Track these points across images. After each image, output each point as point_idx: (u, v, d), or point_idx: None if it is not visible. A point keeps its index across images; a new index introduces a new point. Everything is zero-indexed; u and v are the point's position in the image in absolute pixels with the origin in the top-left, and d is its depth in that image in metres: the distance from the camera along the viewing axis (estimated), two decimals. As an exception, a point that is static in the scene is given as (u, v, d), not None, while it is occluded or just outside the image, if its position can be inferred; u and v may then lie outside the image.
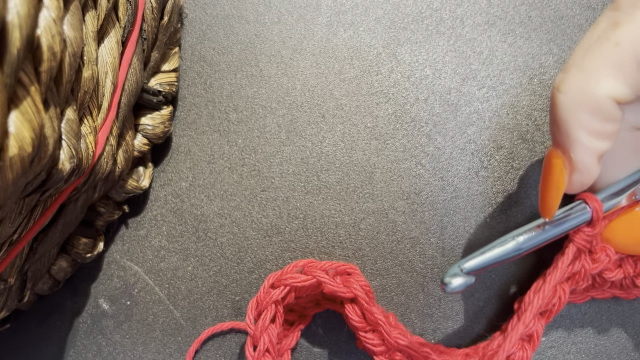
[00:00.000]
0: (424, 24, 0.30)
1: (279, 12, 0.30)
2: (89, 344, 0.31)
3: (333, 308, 0.29)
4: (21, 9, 0.15)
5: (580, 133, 0.21)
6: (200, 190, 0.31)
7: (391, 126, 0.30)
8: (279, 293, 0.26)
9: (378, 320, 0.26)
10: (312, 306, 0.29)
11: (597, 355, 0.30)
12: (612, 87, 0.20)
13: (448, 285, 0.24)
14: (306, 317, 0.29)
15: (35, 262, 0.26)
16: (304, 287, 0.26)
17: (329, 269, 0.27)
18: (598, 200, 0.24)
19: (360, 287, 0.26)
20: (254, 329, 0.26)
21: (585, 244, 0.25)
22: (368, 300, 0.26)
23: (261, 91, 0.30)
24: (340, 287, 0.26)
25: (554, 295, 0.26)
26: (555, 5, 0.30)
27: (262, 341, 0.26)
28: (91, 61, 0.22)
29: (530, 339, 0.26)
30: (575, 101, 0.21)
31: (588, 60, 0.21)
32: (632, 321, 0.30)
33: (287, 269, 0.27)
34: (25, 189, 0.19)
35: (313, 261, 0.27)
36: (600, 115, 0.21)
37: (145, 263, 0.31)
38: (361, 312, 0.27)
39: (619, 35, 0.20)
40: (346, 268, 0.27)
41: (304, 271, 0.27)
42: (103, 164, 0.24)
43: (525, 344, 0.26)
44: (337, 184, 0.30)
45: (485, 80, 0.30)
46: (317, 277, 0.26)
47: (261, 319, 0.26)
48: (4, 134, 0.15)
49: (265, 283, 0.27)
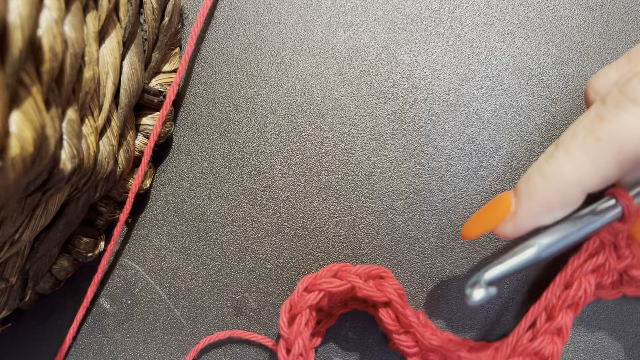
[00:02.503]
0: (423, 25, 0.30)
1: (279, 13, 0.31)
2: (90, 343, 0.31)
3: (360, 308, 0.29)
4: (23, 10, 0.15)
5: (537, 198, 0.22)
6: (201, 190, 0.31)
7: (391, 126, 0.30)
8: (314, 298, 0.26)
9: (412, 323, 0.26)
10: (339, 307, 0.29)
11: (596, 355, 0.30)
12: (585, 178, 0.22)
13: (470, 298, 0.23)
14: (333, 316, 0.29)
15: (37, 262, 0.26)
16: (339, 292, 0.26)
17: (363, 273, 0.27)
18: (629, 196, 0.24)
19: (394, 292, 0.26)
20: (289, 333, 0.26)
21: (611, 237, 0.25)
22: (403, 304, 0.26)
23: (261, 92, 0.30)
24: (375, 292, 0.26)
25: (579, 288, 0.26)
26: (554, 6, 0.30)
27: (296, 346, 0.26)
28: (92, 62, 0.23)
29: (559, 332, 0.26)
30: (551, 174, 0.22)
31: (573, 146, 0.22)
32: (631, 321, 0.30)
33: (322, 274, 0.27)
34: (27, 189, 0.19)
35: (347, 265, 0.27)
36: (563, 197, 0.22)
37: (146, 262, 0.31)
38: (395, 316, 0.27)
39: (601, 131, 0.21)
40: (379, 272, 0.27)
41: (338, 276, 0.27)
42: (104, 164, 0.24)
43: (555, 338, 0.26)
44: (337, 184, 0.30)
45: (484, 81, 0.30)
46: (352, 282, 0.26)
47: (296, 323, 0.26)
48: (6, 134, 0.15)
49: (299, 286, 0.26)
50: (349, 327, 0.30)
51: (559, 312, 0.26)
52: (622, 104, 0.21)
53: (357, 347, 0.30)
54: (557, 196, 0.22)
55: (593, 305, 0.30)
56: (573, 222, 0.24)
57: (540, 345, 0.26)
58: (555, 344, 0.26)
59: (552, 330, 0.26)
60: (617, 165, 0.21)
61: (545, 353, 0.26)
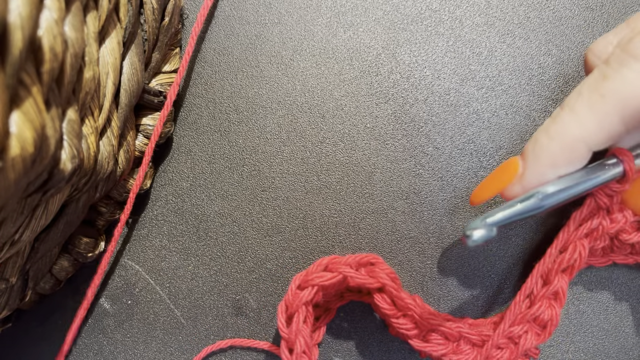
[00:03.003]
0: (423, 25, 0.30)
1: (279, 13, 0.31)
2: (90, 343, 0.31)
3: (357, 299, 0.29)
4: (23, 10, 0.15)
5: (544, 157, 0.23)
6: (201, 190, 0.31)
7: (390, 126, 0.30)
8: (307, 294, 0.26)
9: (408, 305, 0.26)
10: (336, 300, 0.29)
11: (596, 355, 0.30)
12: (590, 135, 0.22)
13: (470, 238, 0.23)
14: (331, 310, 0.29)
15: (37, 262, 0.26)
16: (332, 284, 0.26)
17: (352, 262, 0.27)
18: (631, 156, 0.24)
19: (386, 276, 0.26)
20: (288, 332, 0.26)
21: (606, 200, 0.25)
22: (396, 287, 0.26)
23: (261, 92, 0.30)
24: (367, 279, 0.26)
25: (574, 251, 0.26)
26: (554, 6, 0.30)
27: (297, 343, 0.26)
28: (92, 62, 0.23)
29: (556, 296, 0.26)
30: (557, 133, 0.23)
31: (578, 104, 0.22)
32: (631, 320, 0.30)
33: (312, 269, 0.27)
34: (27, 189, 0.19)
35: (336, 257, 0.27)
36: (569, 154, 0.23)
37: (146, 262, 0.31)
38: (390, 300, 0.27)
39: (605, 89, 0.22)
40: (369, 259, 0.27)
41: (329, 268, 0.27)
42: (104, 164, 0.24)
43: (552, 302, 0.26)
44: (337, 184, 0.30)
45: (484, 81, 0.30)
46: (343, 273, 0.26)
47: (294, 322, 0.26)
48: (6, 134, 0.15)
49: (292, 285, 0.27)
50: (342, 317, 0.30)
51: (554, 276, 0.26)
52: (625, 61, 0.21)
53: (355, 342, 0.30)
54: (563, 154, 0.23)
55: (593, 305, 0.30)
56: (576, 175, 0.24)
57: (538, 311, 0.26)
58: (553, 307, 0.26)
59: (549, 295, 0.26)
60: (621, 121, 0.22)
61: (544, 317, 0.26)
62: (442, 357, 0.27)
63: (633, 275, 0.30)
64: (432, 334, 0.27)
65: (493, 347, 0.26)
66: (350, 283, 0.26)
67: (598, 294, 0.30)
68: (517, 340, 0.27)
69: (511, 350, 0.26)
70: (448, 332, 0.27)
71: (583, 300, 0.30)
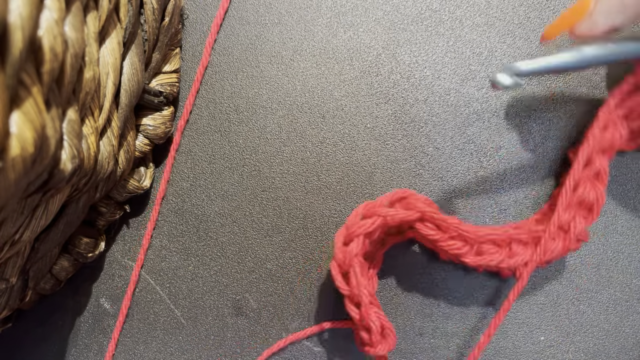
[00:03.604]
0: (423, 25, 0.30)
1: (279, 14, 0.31)
2: (90, 343, 0.31)
3: (398, 240, 0.29)
4: (23, 10, 0.15)
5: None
6: (201, 190, 0.31)
7: (391, 127, 0.30)
8: (356, 247, 0.26)
9: (452, 224, 0.26)
10: (379, 247, 0.29)
11: (596, 355, 0.30)
12: None
13: (495, 80, 0.23)
14: (377, 259, 0.29)
15: (37, 262, 0.26)
16: (374, 230, 0.26)
17: (386, 202, 0.27)
18: None
19: (422, 203, 0.26)
20: (350, 289, 0.26)
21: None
22: (435, 211, 0.26)
23: (262, 92, 0.30)
24: (406, 213, 0.26)
25: (614, 130, 0.26)
26: (554, 6, 0.30)
27: (363, 297, 0.25)
28: (92, 62, 0.23)
29: (598, 176, 0.26)
30: None
31: None
32: (631, 321, 0.30)
33: (351, 220, 0.26)
34: (27, 189, 0.19)
35: (368, 202, 0.27)
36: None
37: (147, 262, 0.31)
38: (434, 225, 0.26)
39: None
40: (400, 194, 0.27)
41: (366, 215, 0.26)
42: (104, 164, 0.24)
43: (595, 182, 0.26)
44: (337, 184, 0.30)
45: (484, 81, 0.30)
46: (381, 215, 0.26)
47: (352, 277, 0.26)
48: (6, 135, 0.15)
49: (337, 243, 0.26)
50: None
51: (595, 157, 0.26)
52: None
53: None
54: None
55: (593, 305, 0.30)
56: (617, 41, 0.24)
57: (584, 193, 0.26)
58: (597, 187, 0.26)
59: (591, 176, 0.26)
60: None
61: (590, 199, 0.26)
62: (500, 264, 0.26)
63: (633, 275, 0.30)
64: (482, 246, 0.27)
65: (550, 239, 0.26)
66: (390, 223, 0.26)
67: (598, 294, 0.30)
68: (567, 227, 0.26)
69: (563, 239, 0.26)
70: (497, 239, 0.27)
71: (583, 300, 0.30)
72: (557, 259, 0.26)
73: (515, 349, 0.30)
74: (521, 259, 0.26)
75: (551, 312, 0.30)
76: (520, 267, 0.26)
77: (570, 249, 0.26)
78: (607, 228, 0.30)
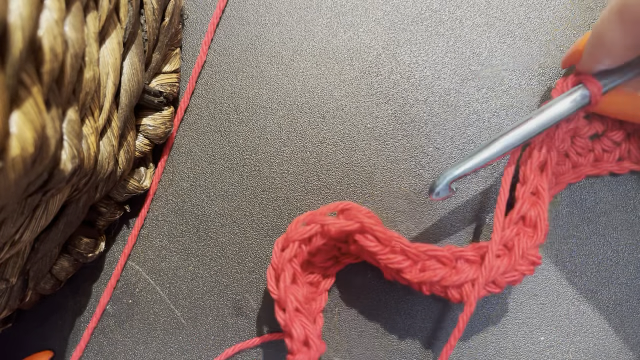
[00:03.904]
0: (423, 25, 0.30)
1: (279, 14, 0.31)
2: (90, 343, 0.31)
3: (352, 261, 0.29)
4: (23, 11, 0.15)
5: None
6: (201, 191, 0.31)
7: (391, 127, 0.30)
8: (290, 251, 0.26)
9: (392, 236, 0.26)
10: (331, 264, 0.29)
11: (596, 355, 0.30)
12: None
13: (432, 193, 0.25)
14: (329, 276, 0.29)
15: (37, 262, 0.26)
16: (312, 236, 0.26)
17: (327, 212, 0.27)
18: (597, 83, 0.25)
19: (363, 215, 0.26)
20: (278, 292, 0.26)
21: None
22: (375, 223, 0.26)
23: (262, 92, 0.30)
24: (345, 222, 0.26)
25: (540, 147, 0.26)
26: (554, 6, 0.30)
27: (289, 302, 0.25)
28: (93, 62, 0.23)
29: (537, 193, 0.27)
30: None
31: None
32: (631, 321, 0.30)
33: (290, 228, 0.27)
34: (27, 189, 0.19)
35: (311, 212, 0.27)
36: None
37: (147, 262, 0.31)
38: (373, 237, 0.26)
39: None
40: (343, 206, 0.27)
41: (307, 223, 0.27)
42: (104, 165, 0.24)
43: (535, 200, 0.27)
44: (337, 184, 0.30)
45: (484, 81, 0.30)
46: (319, 222, 0.26)
47: (281, 280, 0.26)
48: (6, 135, 0.15)
49: (275, 249, 0.26)
50: (342, 317, 0.30)
51: (530, 175, 0.27)
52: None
53: (355, 343, 0.30)
54: None
55: (593, 305, 0.30)
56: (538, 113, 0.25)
57: (522, 209, 0.26)
58: (537, 204, 0.26)
59: (529, 193, 0.27)
60: None
61: (531, 216, 0.26)
62: (443, 281, 0.26)
63: (633, 275, 0.30)
64: (426, 263, 0.26)
65: (494, 256, 0.26)
66: (329, 232, 0.26)
67: (598, 294, 0.30)
68: (511, 245, 0.26)
69: (509, 256, 0.26)
70: (442, 255, 0.26)
71: (583, 301, 0.30)
72: (510, 282, 0.26)
73: (515, 349, 0.30)
74: (465, 276, 0.25)
75: (551, 312, 0.30)
76: (467, 289, 0.26)
77: (524, 272, 0.26)
78: (607, 228, 0.30)
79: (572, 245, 0.30)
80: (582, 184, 0.30)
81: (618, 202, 0.30)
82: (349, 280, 0.30)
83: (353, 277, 0.30)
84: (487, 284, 0.26)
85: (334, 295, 0.30)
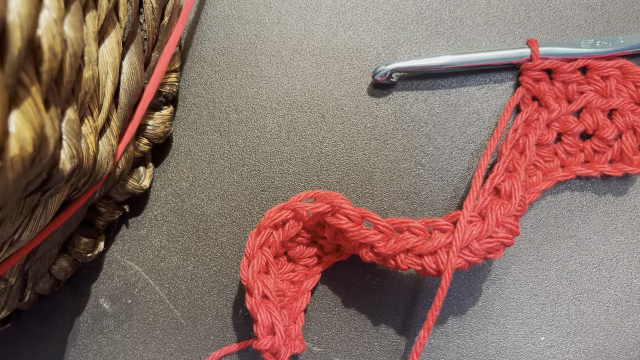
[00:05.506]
0: (423, 25, 0.30)
1: (279, 13, 0.31)
2: (89, 343, 0.31)
3: (335, 259, 0.29)
4: (22, 10, 0.15)
5: None
6: (201, 190, 0.31)
7: (391, 126, 0.30)
8: (260, 238, 0.26)
9: (363, 213, 0.26)
10: (314, 263, 0.29)
11: (596, 355, 0.30)
12: None
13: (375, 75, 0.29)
14: (312, 276, 0.29)
15: (36, 262, 0.26)
16: (285, 221, 0.27)
17: (298, 199, 0.27)
18: None
19: (332, 197, 0.26)
20: (247, 277, 0.26)
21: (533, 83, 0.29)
22: (344, 202, 0.26)
23: (261, 91, 0.30)
24: (316, 205, 0.26)
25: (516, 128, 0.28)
26: (554, 5, 0.30)
27: (256, 287, 0.26)
28: (92, 61, 0.23)
29: (514, 170, 0.28)
30: None
31: None
32: (631, 321, 0.30)
33: (265, 216, 0.27)
34: (26, 188, 0.19)
35: (282, 204, 0.27)
36: None
37: (146, 262, 0.31)
38: (344, 216, 0.26)
39: None
40: (312, 194, 0.27)
41: (280, 209, 0.27)
42: (104, 164, 0.24)
43: (510, 175, 0.27)
44: (337, 184, 0.30)
45: (484, 81, 0.30)
46: (289, 208, 0.26)
47: (250, 266, 0.26)
48: (5, 134, 0.15)
49: (249, 240, 0.27)
50: (344, 319, 0.30)
51: (505, 150, 0.28)
52: None
53: (355, 342, 0.30)
54: None
55: (593, 305, 0.30)
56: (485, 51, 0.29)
57: (495, 180, 0.27)
58: (512, 178, 0.27)
59: (503, 168, 0.28)
60: None
61: (506, 187, 0.27)
62: (416, 249, 0.26)
63: (633, 275, 0.30)
64: (399, 236, 0.26)
65: (465, 220, 0.26)
66: (303, 216, 0.26)
67: (598, 294, 0.30)
68: (484, 213, 0.26)
69: (483, 223, 0.26)
70: (415, 226, 0.26)
71: (583, 301, 0.30)
72: (489, 251, 0.26)
73: (515, 349, 0.30)
74: (438, 242, 0.25)
75: (551, 312, 0.30)
76: (442, 256, 0.25)
77: (502, 240, 0.26)
78: (607, 228, 0.30)
79: (572, 245, 0.30)
80: (581, 184, 0.30)
81: (618, 202, 0.30)
82: (349, 280, 0.30)
83: (353, 277, 0.30)
84: (462, 251, 0.26)
85: (333, 295, 0.30)
